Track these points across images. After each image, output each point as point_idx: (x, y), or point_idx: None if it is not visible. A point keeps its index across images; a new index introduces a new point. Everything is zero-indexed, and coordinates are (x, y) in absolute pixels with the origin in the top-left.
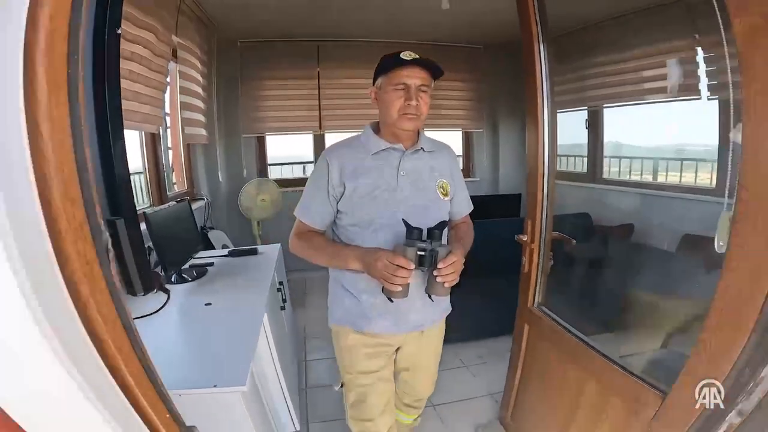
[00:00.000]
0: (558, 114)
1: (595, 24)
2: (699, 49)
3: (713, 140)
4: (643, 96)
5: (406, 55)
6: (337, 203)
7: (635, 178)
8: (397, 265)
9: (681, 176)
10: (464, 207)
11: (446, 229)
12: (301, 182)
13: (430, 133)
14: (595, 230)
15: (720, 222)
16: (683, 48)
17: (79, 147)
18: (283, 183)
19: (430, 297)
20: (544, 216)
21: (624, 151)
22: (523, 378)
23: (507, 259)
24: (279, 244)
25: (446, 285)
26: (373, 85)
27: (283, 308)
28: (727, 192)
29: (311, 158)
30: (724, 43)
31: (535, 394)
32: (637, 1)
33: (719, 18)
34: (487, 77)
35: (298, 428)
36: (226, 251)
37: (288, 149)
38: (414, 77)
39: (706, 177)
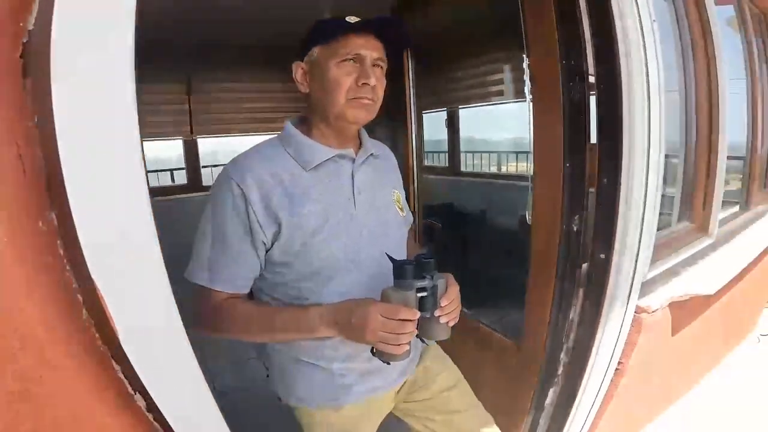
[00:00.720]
0: (424, 115)
1: (450, 36)
2: (524, 56)
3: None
4: (489, 98)
5: (353, 18)
6: (268, 251)
7: (485, 170)
8: (401, 320)
9: (517, 166)
10: (410, 220)
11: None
12: (170, 191)
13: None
14: (458, 216)
15: (528, 201)
16: (514, 58)
17: None
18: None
19: (422, 340)
20: (415, 206)
21: (477, 146)
22: None
23: None
24: None
25: (450, 323)
26: (301, 59)
27: None
28: (530, 177)
29: (182, 164)
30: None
31: None
32: (481, 17)
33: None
34: None
35: None
36: None
37: (151, 155)
38: (369, 47)
39: None
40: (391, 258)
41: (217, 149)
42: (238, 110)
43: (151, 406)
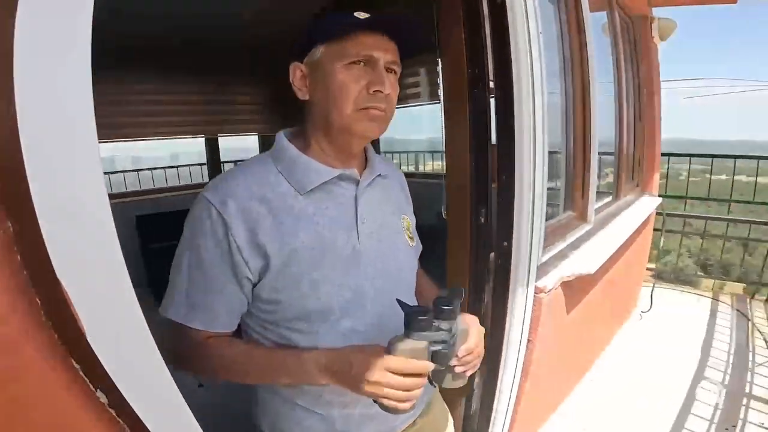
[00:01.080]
0: None
1: None
2: (439, 60)
3: None
4: (407, 100)
5: (362, 14)
6: (255, 285)
7: (404, 168)
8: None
9: (434, 165)
10: (419, 249)
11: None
12: None
13: (224, 141)
14: None
15: (443, 197)
16: (431, 62)
17: None
18: None
19: (431, 383)
20: None
21: (395, 146)
22: None
23: None
24: None
25: (468, 373)
26: (300, 60)
27: None
28: (444, 175)
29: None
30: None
31: None
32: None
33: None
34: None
35: None
36: None
37: None
38: (383, 48)
39: None
40: (402, 304)
41: (114, 155)
42: (137, 113)
43: (112, 403)
